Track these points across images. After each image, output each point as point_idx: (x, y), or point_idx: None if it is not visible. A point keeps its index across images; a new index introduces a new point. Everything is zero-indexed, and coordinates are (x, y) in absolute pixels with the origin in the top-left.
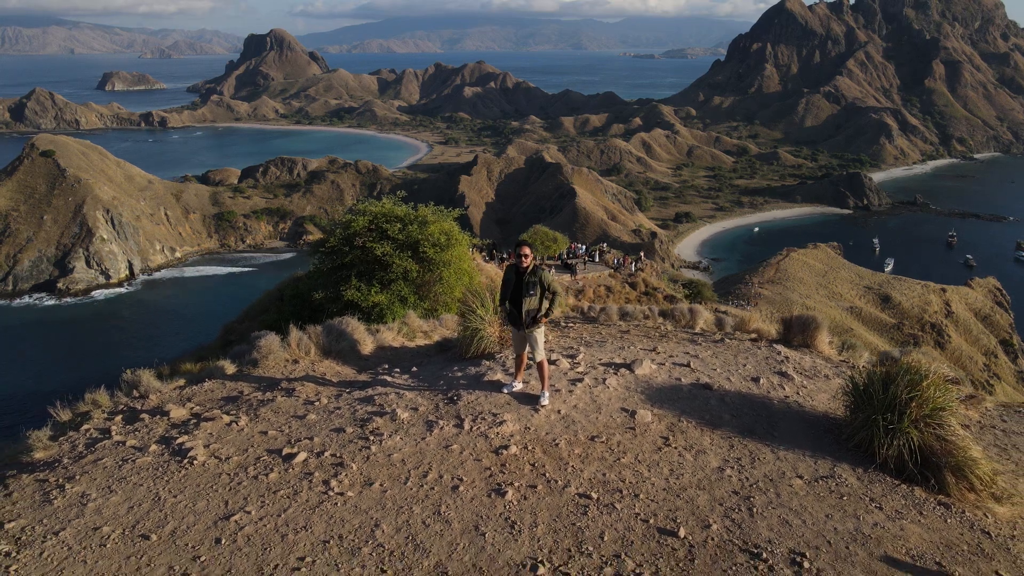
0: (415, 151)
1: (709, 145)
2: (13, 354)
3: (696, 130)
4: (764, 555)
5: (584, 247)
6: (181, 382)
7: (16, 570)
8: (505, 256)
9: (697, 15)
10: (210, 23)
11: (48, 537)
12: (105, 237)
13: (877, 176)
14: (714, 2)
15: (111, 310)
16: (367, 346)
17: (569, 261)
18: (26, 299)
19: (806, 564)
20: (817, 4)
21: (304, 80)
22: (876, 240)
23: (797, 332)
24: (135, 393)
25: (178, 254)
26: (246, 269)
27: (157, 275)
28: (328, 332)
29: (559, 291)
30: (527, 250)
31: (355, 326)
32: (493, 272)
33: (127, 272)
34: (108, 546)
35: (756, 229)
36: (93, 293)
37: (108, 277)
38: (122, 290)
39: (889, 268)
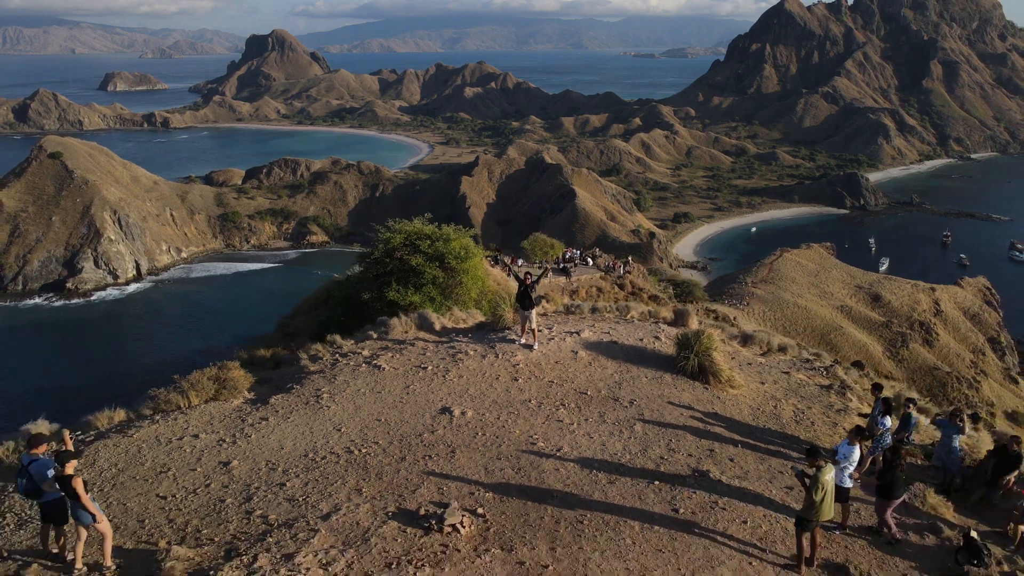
0: (416, 151)
1: (708, 145)
2: (26, 353)
3: (695, 130)
4: (620, 399)
5: (579, 252)
6: (351, 341)
7: (338, 401)
8: (507, 260)
9: (698, 14)
10: (211, 23)
11: (340, 393)
12: (112, 238)
13: (875, 176)
14: (715, 1)
15: (123, 309)
16: (437, 325)
17: (565, 264)
18: (36, 299)
19: (635, 403)
20: (816, 4)
21: (306, 80)
22: (872, 240)
23: (679, 317)
24: (335, 345)
25: (184, 254)
26: (254, 266)
27: (164, 275)
28: (419, 317)
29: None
30: (530, 273)
31: (431, 314)
32: (500, 277)
33: (134, 272)
34: (366, 395)
35: (754, 229)
36: (102, 293)
37: (116, 277)
38: (130, 289)
39: (884, 267)
